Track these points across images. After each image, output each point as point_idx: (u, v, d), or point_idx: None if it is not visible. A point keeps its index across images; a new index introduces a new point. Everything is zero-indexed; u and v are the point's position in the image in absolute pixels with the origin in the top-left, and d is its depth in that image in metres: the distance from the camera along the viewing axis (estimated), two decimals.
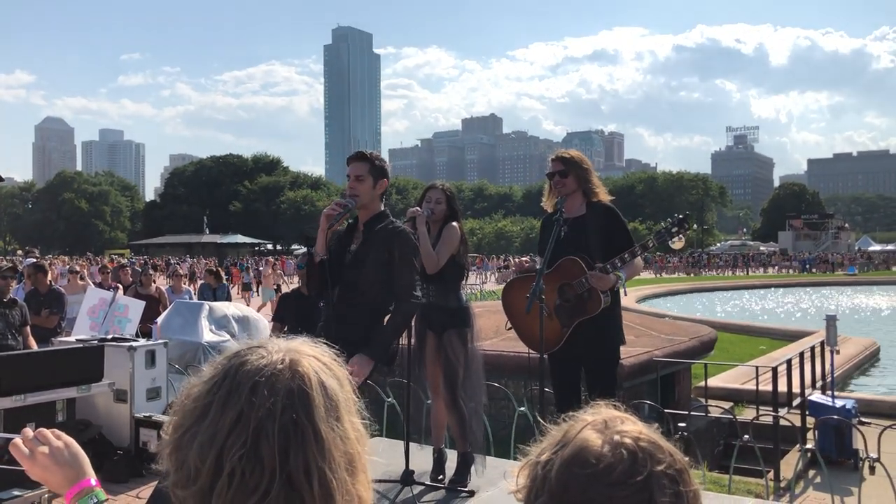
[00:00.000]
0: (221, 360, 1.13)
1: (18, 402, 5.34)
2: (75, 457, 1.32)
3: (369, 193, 3.98)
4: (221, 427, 1.04)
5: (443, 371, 4.74)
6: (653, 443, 0.99)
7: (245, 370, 1.08)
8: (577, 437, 0.99)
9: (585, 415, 1.05)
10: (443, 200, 4.81)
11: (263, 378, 1.07)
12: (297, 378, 1.08)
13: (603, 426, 1.01)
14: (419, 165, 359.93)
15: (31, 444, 1.31)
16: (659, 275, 53.51)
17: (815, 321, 18.88)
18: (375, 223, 4.01)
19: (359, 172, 3.96)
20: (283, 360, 1.10)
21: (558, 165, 4.47)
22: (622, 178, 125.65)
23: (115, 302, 8.23)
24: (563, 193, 4.42)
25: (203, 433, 1.05)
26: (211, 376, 1.11)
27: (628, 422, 1.02)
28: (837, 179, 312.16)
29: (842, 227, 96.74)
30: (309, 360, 1.12)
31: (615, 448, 0.97)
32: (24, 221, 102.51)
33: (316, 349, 1.16)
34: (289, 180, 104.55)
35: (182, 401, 1.12)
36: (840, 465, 7.04)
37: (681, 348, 8.59)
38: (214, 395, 1.07)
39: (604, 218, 4.39)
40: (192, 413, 1.08)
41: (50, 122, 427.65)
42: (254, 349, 1.13)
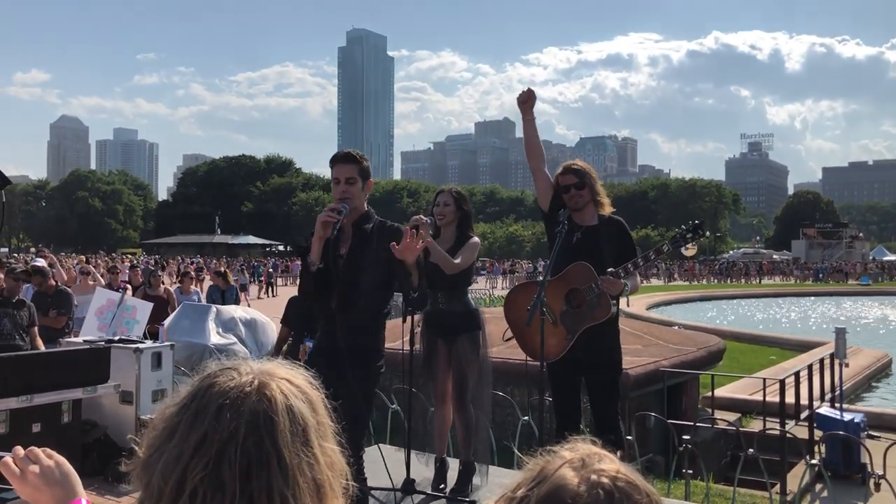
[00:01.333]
0: (195, 381, 1.14)
1: (25, 402, 5.38)
2: (66, 476, 1.31)
3: (359, 195, 3.88)
4: (186, 448, 1.05)
5: (453, 376, 4.75)
6: (630, 483, 0.97)
7: (213, 392, 1.09)
8: (554, 475, 0.97)
9: (563, 450, 1.03)
10: (451, 202, 4.87)
11: (228, 401, 1.07)
12: (263, 401, 1.08)
13: (580, 464, 0.99)
14: (431, 169, 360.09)
15: (22, 463, 1.30)
16: (690, 282, 53.96)
17: (826, 331, 18.75)
18: (363, 223, 3.91)
19: (350, 175, 3.84)
20: (251, 382, 1.10)
21: (572, 178, 4.42)
22: (635, 184, 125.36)
23: (123, 303, 8.26)
24: (578, 206, 4.39)
25: (169, 453, 1.06)
26: (183, 396, 1.12)
27: (606, 460, 1.01)
28: (852, 188, 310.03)
29: (856, 236, 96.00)
30: (279, 383, 1.12)
31: (592, 487, 0.95)
32: (37, 219, 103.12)
33: (290, 371, 1.16)
34: (301, 182, 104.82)
35: (154, 421, 1.13)
36: (847, 480, 6.98)
37: (688, 358, 8.54)
38: (183, 415, 1.08)
39: (616, 232, 4.41)
40: (162, 433, 1.09)
41: (65, 120, 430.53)
42: (225, 370, 1.13)
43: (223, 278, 11.31)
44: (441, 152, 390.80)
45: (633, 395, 7.35)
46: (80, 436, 5.94)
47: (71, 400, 5.79)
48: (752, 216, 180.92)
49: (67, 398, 5.75)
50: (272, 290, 34.41)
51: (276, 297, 30.62)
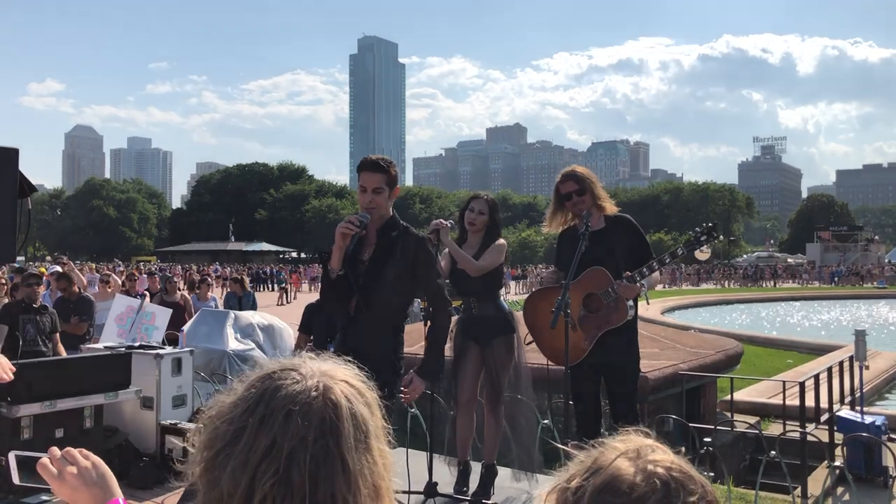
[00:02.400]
0: (255, 381, 1.13)
1: (47, 408, 5.42)
2: (103, 477, 1.32)
3: (386, 204, 3.84)
4: (255, 453, 1.05)
5: (487, 379, 4.76)
6: (685, 473, 0.98)
7: (280, 396, 1.09)
8: (609, 466, 0.98)
9: (616, 442, 1.04)
10: (486, 211, 4.87)
11: (297, 406, 1.08)
12: (329, 407, 1.09)
13: (635, 455, 1.00)
14: (443, 174, 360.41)
15: (59, 464, 1.31)
16: (723, 284, 53.94)
17: (844, 334, 18.62)
18: (388, 230, 3.85)
19: (377, 185, 3.78)
20: (316, 386, 1.10)
21: (573, 185, 4.45)
22: (648, 189, 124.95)
23: (143, 309, 8.32)
24: (579, 212, 4.43)
25: (236, 457, 1.06)
26: (244, 397, 1.11)
27: (660, 451, 1.01)
28: (867, 191, 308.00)
29: (871, 239, 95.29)
30: (341, 387, 1.13)
31: (648, 478, 0.96)
32: (53, 228, 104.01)
33: (347, 372, 1.17)
34: (314, 189, 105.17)
35: (213, 419, 1.12)
36: (869, 483, 6.93)
37: (706, 362, 8.51)
38: (248, 419, 1.08)
39: (625, 230, 4.43)
40: (225, 435, 1.08)
41: (80, 129, 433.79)
42: (288, 371, 1.13)
43: (240, 285, 11.37)
44: (453, 158, 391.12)
45: (651, 399, 7.34)
46: (102, 441, 5.97)
47: (93, 406, 5.83)
48: (765, 220, 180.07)
49: (89, 404, 5.79)
50: (287, 296, 34.53)
51: (292, 304, 30.70)
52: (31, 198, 4.23)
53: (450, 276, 4.90)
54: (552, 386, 6.00)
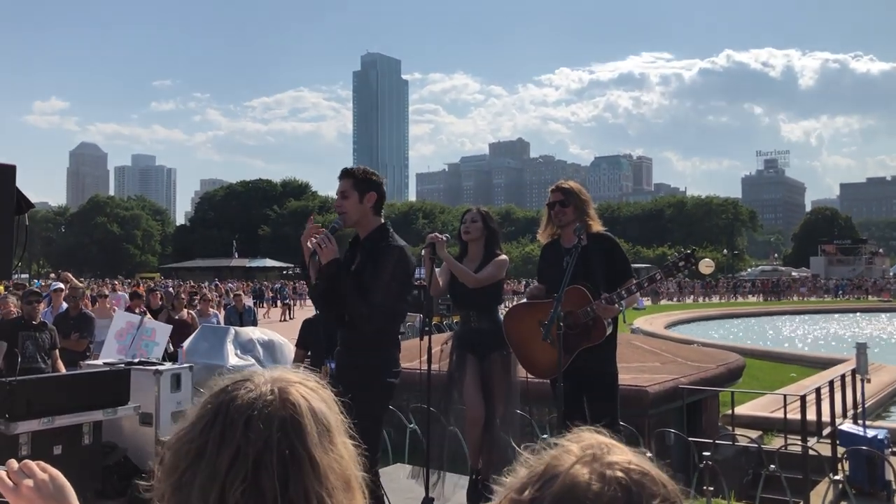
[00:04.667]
0: (209, 399, 1.13)
1: (46, 424, 5.42)
2: (60, 489, 1.30)
3: (357, 209, 3.88)
4: (220, 464, 1.05)
5: (483, 394, 4.77)
6: (644, 473, 0.93)
7: (236, 405, 1.09)
8: (565, 473, 0.92)
9: (568, 443, 0.98)
10: (478, 219, 5.02)
11: (256, 411, 1.08)
12: (287, 407, 1.09)
13: (591, 458, 0.94)
14: (446, 190, 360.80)
15: (16, 477, 1.30)
16: (735, 298, 54.09)
17: (847, 348, 18.55)
18: (373, 240, 3.88)
19: (342, 189, 3.89)
20: (271, 390, 1.11)
21: (558, 196, 4.61)
22: (651, 203, 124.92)
23: (143, 326, 8.33)
24: (562, 223, 4.59)
25: (202, 472, 1.06)
26: (200, 415, 1.11)
27: (616, 450, 0.96)
28: (871, 204, 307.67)
29: (876, 252, 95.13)
30: (296, 388, 1.13)
31: (608, 484, 0.90)
32: (57, 245, 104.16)
33: (300, 375, 1.18)
34: (317, 204, 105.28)
35: (173, 443, 1.12)
36: (872, 497, 6.89)
37: (708, 375, 8.48)
38: (209, 434, 1.08)
39: (605, 248, 4.51)
40: (188, 454, 1.08)
41: (84, 147, 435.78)
42: (240, 383, 1.14)
43: (241, 300, 11.39)
44: (456, 173, 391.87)
45: (652, 413, 7.31)
46: (101, 457, 5.97)
47: (92, 422, 5.83)
48: (769, 233, 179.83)
49: (88, 420, 5.79)
50: (290, 312, 34.56)
51: (293, 320, 30.73)
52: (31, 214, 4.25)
53: (449, 290, 4.92)
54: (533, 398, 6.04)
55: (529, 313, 4.62)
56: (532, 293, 4.83)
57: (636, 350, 9.53)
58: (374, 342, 3.77)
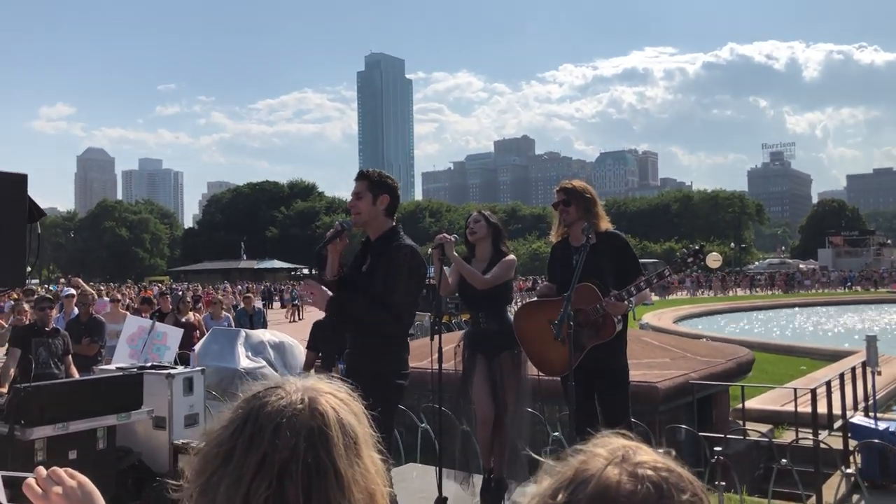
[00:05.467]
0: (241, 403, 1.15)
1: (61, 430, 5.46)
2: (88, 496, 1.31)
3: (369, 210, 3.93)
4: (247, 470, 1.07)
5: (493, 394, 4.80)
6: (672, 471, 0.96)
7: (266, 412, 1.11)
8: (597, 475, 0.94)
9: (596, 448, 1.00)
10: (481, 219, 5.09)
11: (284, 419, 1.09)
12: (316, 417, 1.11)
13: (620, 459, 0.96)
14: (452, 188, 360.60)
15: (45, 484, 1.32)
16: (752, 292, 54.34)
17: (857, 340, 18.50)
18: (383, 242, 3.93)
19: (357, 190, 3.98)
20: (301, 399, 1.12)
21: (561, 196, 4.67)
22: (657, 198, 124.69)
23: (154, 330, 8.38)
24: (566, 222, 4.65)
25: (229, 476, 1.07)
26: (231, 420, 1.13)
27: (642, 451, 0.98)
28: (878, 195, 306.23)
29: (884, 243, 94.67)
30: (327, 398, 1.14)
31: (640, 482, 0.93)
32: (66, 250, 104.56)
33: (332, 385, 1.19)
34: (324, 205, 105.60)
35: (203, 446, 1.14)
36: (884, 489, 6.88)
37: (717, 370, 8.49)
38: (237, 438, 1.10)
39: (614, 245, 4.54)
40: (216, 457, 1.10)
41: (91, 152, 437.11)
42: (272, 390, 1.15)
43: (251, 302, 11.44)
44: (461, 172, 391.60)
45: (662, 409, 7.32)
46: (116, 462, 6.00)
47: (105, 427, 5.86)
48: (776, 226, 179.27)
49: (102, 425, 5.82)
50: (300, 313, 34.59)
51: (303, 321, 30.78)
52: (41, 221, 4.29)
53: (459, 291, 4.96)
54: (545, 396, 6.10)
55: (540, 312, 4.66)
56: (542, 292, 4.87)
57: (646, 346, 9.53)
58: (383, 344, 3.80)
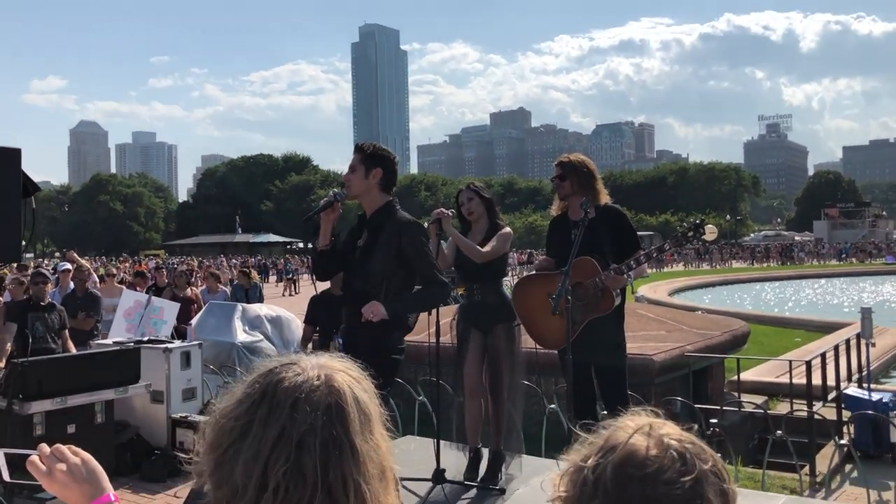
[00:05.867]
0: (257, 378, 1.15)
1: (59, 404, 5.48)
2: (93, 473, 1.32)
3: (361, 183, 3.96)
4: (265, 444, 1.08)
5: (488, 368, 4.82)
6: (695, 444, 1.04)
7: (284, 387, 1.12)
8: (625, 443, 1.03)
9: (626, 420, 1.09)
10: (473, 196, 4.99)
11: (303, 394, 1.11)
12: (333, 393, 1.12)
13: (647, 431, 1.05)
14: (448, 161, 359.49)
15: (49, 461, 1.31)
16: (753, 263, 54.83)
17: (851, 312, 18.59)
18: (379, 217, 3.96)
19: (352, 163, 4.00)
20: (318, 376, 1.14)
21: (557, 170, 4.69)
22: (653, 170, 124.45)
23: (151, 304, 8.38)
24: (562, 196, 4.67)
25: (246, 450, 1.08)
26: (247, 395, 1.14)
27: (668, 426, 1.07)
28: (874, 166, 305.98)
29: (879, 215, 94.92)
30: (342, 376, 1.16)
31: (665, 450, 1.02)
32: (61, 224, 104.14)
33: (345, 364, 1.20)
34: (319, 179, 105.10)
35: (217, 420, 1.14)
36: (877, 460, 6.95)
37: (713, 343, 8.53)
38: (255, 412, 1.11)
39: (612, 220, 4.55)
40: (232, 431, 1.11)
41: (84, 125, 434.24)
42: (288, 366, 1.16)
43: (247, 277, 11.42)
44: (457, 145, 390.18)
45: (658, 381, 7.37)
46: (114, 436, 6.04)
47: (104, 401, 5.89)
48: (772, 198, 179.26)
49: (100, 399, 5.85)
50: (295, 287, 34.62)
51: (299, 295, 30.82)
52: (37, 196, 4.27)
53: (454, 263, 4.95)
54: (541, 369, 6.15)
55: (539, 285, 4.67)
56: (542, 265, 4.87)
57: (641, 319, 9.57)
58: (382, 320, 3.81)
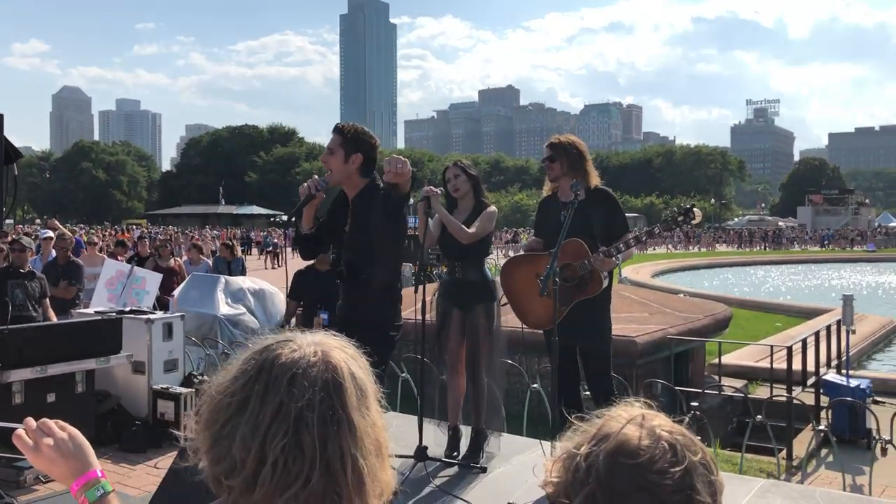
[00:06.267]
0: (253, 354, 1.15)
1: (39, 373, 5.43)
2: (80, 448, 1.31)
3: (341, 168, 3.84)
4: (263, 418, 1.08)
5: (467, 346, 4.82)
6: (685, 435, 1.06)
7: (281, 363, 1.12)
8: (618, 432, 1.05)
9: (619, 411, 1.10)
10: (460, 173, 4.96)
11: (300, 370, 1.11)
12: (330, 369, 1.13)
13: (640, 422, 1.06)
14: (435, 137, 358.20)
15: (35, 436, 1.30)
16: (741, 247, 55.64)
17: (832, 298, 18.79)
18: (362, 200, 3.87)
19: (330, 145, 3.84)
20: (315, 352, 1.14)
21: (548, 151, 4.67)
22: (640, 152, 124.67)
23: (133, 274, 8.31)
24: (552, 178, 4.67)
25: (244, 425, 1.08)
26: (243, 371, 1.14)
27: (659, 417, 1.09)
28: (859, 154, 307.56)
29: (862, 202, 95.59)
30: (338, 352, 1.16)
31: (656, 441, 1.03)
32: (42, 191, 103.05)
33: (339, 341, 1.20)
34: (304, 151, 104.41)
35: (213, 396, 1.14)
36: (853, 445, 7.05)
37: (695, 326, 8.58)
38: (252, 388, 1.11)
39: (603, 202, 4.54)
40: (229, 407, 1.11)
41: (67, 91, 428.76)
42: (284, 342, 1.16)
43: (230, 250, 11.35)
44: (445, 121, 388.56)
45: (640, 363, 7.41)
46: (94, 406, 6.00)
47: (84, 370, 5.84)
48: (757, 183, 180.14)
49: (81, 369, 5.80)
50: (279, 260, 34.46)
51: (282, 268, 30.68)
52: (18, 163, 4.20)
53: (439, 241, 4.93)
54: (526, 348, 6.18)
55: (528, 266, 4.67)
56: (530, 246, 4.86)
57: (625, 300, 9.60)
58: (383, 294, 3.81)
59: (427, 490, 4.36)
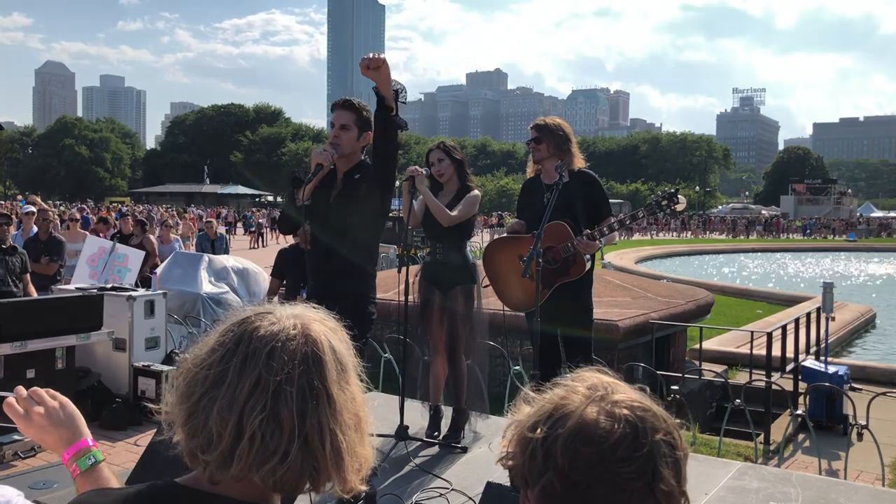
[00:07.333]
0: (231, 326, 1.13)
1: (18, 348, 5.40)
2: (71, 417, 1.31)
3: (352, 144, 3.82)
4: (240, 392, 1.06)
5: (447, 327, 4.82)
6: (647, 410, 1.01)
7: (259, 335, 1.09)
8: (576, 413, 0.99)
9: (575, 382, 1.04)
10: (444, 156, 4.94)
11: (279, 343, 1.08)
12: (310, 343, 1.10)
13: (599, 398, 1.01)
14: (422, 120, 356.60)
15: (26, 404, 1.30)
16: (736, 235, 55.45)
17: (812, 286, 18.95)
18: (355, 173, 3.85)
19: (344, 121, 3.81)
20: (294, 325, 1.11)
21: (533, 133, 4.65)
22: (626, 138, 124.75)
23: (115, 251, 8.25)
24: (536, 159, 4.65)
25: (221, 399, 1.06)
26: (221, 343, 1.11)
27: (619, 389, 1.03)
28: (842, 144, 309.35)
29: (844, 192, 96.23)
30: (318, 325, 1.14)
31: (616, 422, 0.98)
32: (24, 167, 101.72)
33: (319, 314, 1.18)
34: (290, 132, 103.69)
35: (189, 369, 1.11)
36: (830, 430, 7.14)
37: (677, 311, 8.64)
38: (229, 361, 1.08)
39: (586, 185, 4.54)
40: (206, 381, 1.08)
41: (50, 66, 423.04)
42: (262, 315, 1.13)
43: (212, 228, 11.29)
44: (432, 104, 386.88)
45: (621, 347, 7.46)
46: (74, 382, 5.98)
47: (64, 347, 5.82)
48: (742, 171, 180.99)
49: (61, 345, 5.78)
50: (262, 240, 34.34)
51: (266, 248, 30.60)
52: (1, 136, 4.14)
53: (422, 222, 4.92)
54: (507, 330, 6.20)
55: (510, 247, 4.68)
56: (513, 228, 4.86)
57: (608, 285, 9.64)
58: (360, 271, 3.79)
59: (407, 469, 4.38)
